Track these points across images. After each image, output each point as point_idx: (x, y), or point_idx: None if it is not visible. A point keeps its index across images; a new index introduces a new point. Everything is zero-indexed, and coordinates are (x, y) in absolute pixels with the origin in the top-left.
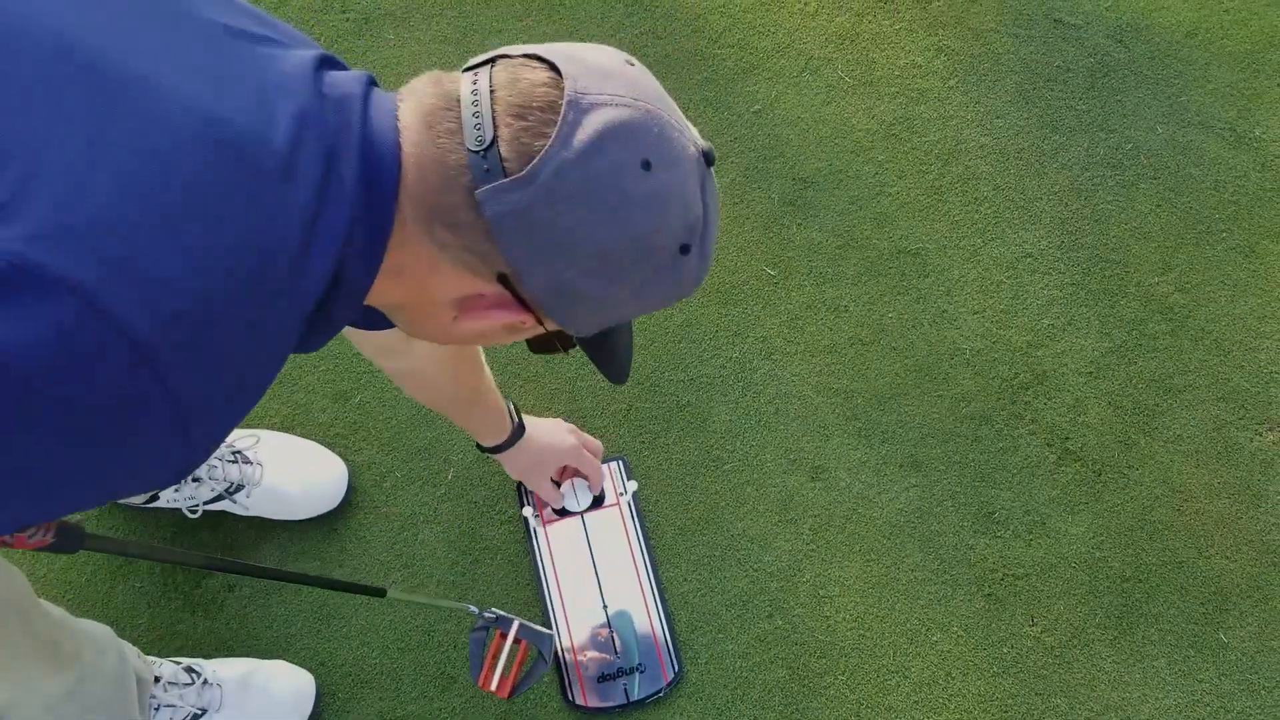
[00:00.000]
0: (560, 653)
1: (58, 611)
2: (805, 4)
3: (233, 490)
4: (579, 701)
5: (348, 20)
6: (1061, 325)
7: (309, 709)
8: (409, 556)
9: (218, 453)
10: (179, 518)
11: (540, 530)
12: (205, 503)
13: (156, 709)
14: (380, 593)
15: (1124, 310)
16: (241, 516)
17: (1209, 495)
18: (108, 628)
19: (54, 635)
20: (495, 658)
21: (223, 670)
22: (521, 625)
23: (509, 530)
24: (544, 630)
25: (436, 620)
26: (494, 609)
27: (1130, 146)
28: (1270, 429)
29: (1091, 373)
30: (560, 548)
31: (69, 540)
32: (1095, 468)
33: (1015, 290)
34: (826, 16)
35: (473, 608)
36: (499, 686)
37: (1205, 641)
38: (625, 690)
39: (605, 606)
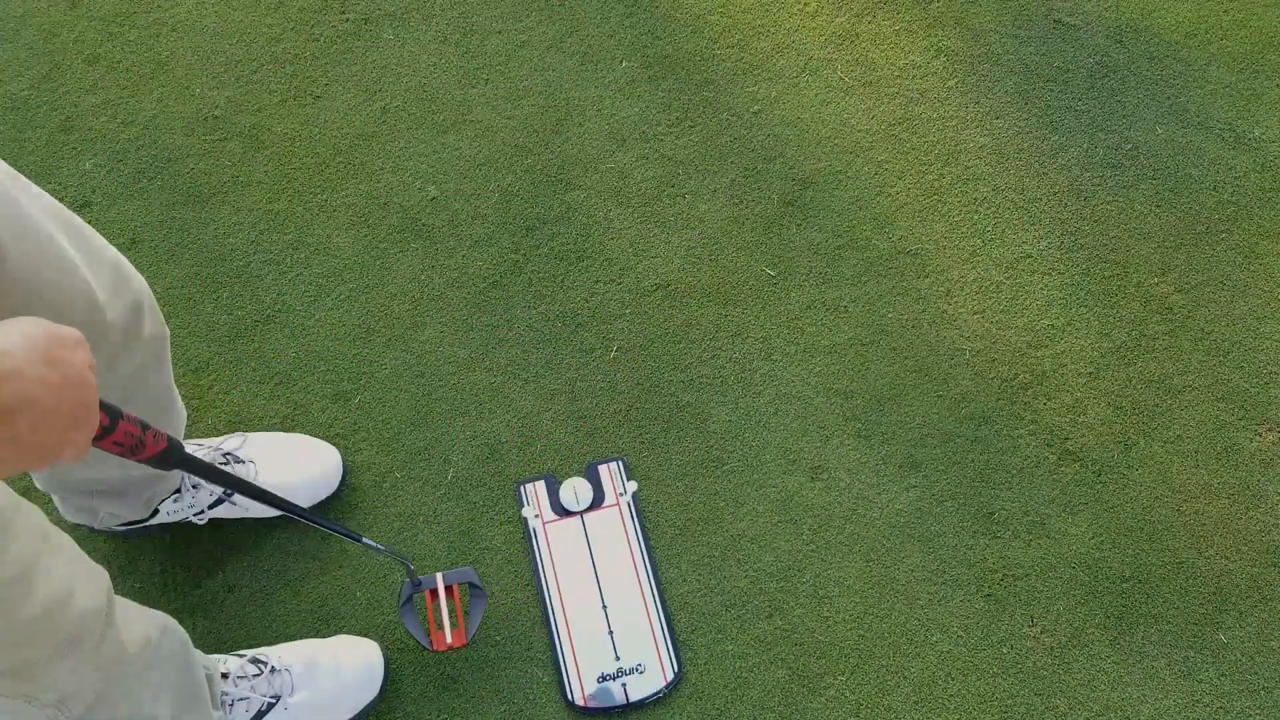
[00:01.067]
0: (560, 652)
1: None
2: (805, 4)
3: (231, 492)
4: (579, 702)
5: (347, 20)
6: (1061, 325)
7: (380, 678)
8: (409, 556)
9: (210, 458)
10: (175, 528)
11: (540, 530)
12: (208, 507)
13: (231, 705)
14: (356, 538)
15: (1124, 310)
16: (243, 517)
17: (1209, 495)
18: (167, 615)
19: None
20: (435, 615)
21: (287, 655)
22: (443, 575)
23: (509, 530)
24: (462, 569)
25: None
26: (415, 574)
27: (1130, 147)
28: (1270, 429)
29: (1091, 373)
30: (560, 548)
31: (171, 454)
32: (1095, 468)
33: (1015, 291)
34: (826, 17)
35: (409, 567)
36: (454, 638)
37: (1205, 641)
38: (625, 690)
39: (605, 607)
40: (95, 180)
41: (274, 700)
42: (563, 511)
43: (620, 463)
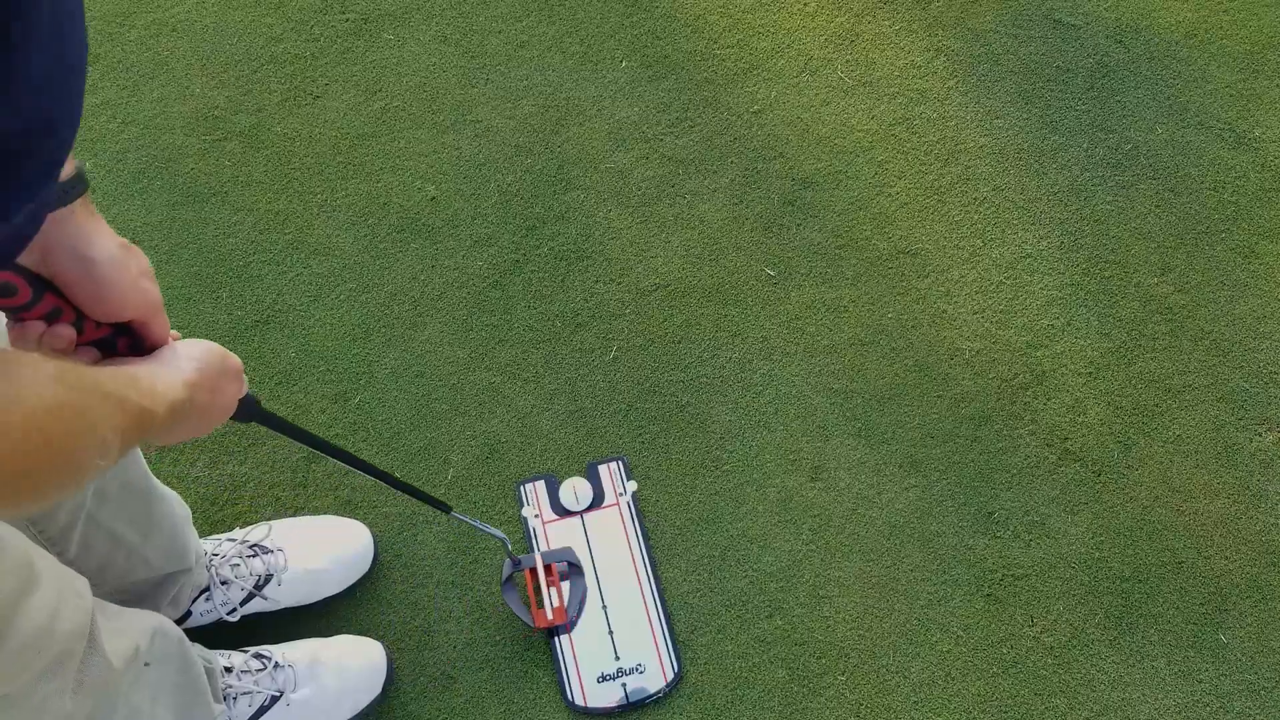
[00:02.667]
0: (560, 652)
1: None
2: (805, 4)
3: (261, 584)
4: (579, 701)
5: (347, 20)
6: (1061, 325)
7: (382, 678)
8: (409, 556)
9: (236, 551)
10: (205, 630)
11: (540, 530)
12: (240, 604)
13: (234, 699)
14: (446, 508)
15: (1124, 310)
16: (277, 609)
17: (1209, 495)
18: (162, 615)
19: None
20: (537, 594)
21: (290, 653)
22: (542, 554)
23: (509, 530)
24: (561, 548)
25: (436, 621)
26: (513, 553)
27: (1130, 147)
28: (1270, 429)
29: (1091, 373)
30: (560, 548)
31: (247, 409)
32: (1095, 468)
33: (1015, 291)
34: (826, 17)
35: (508, 544)
36: (555, 615)
37: (1205, 641)
38: (625, 690)
39: (605, 607)
40: (95, 180)
41: (277, 695)
42: (563, 511)
43: (620, 463)
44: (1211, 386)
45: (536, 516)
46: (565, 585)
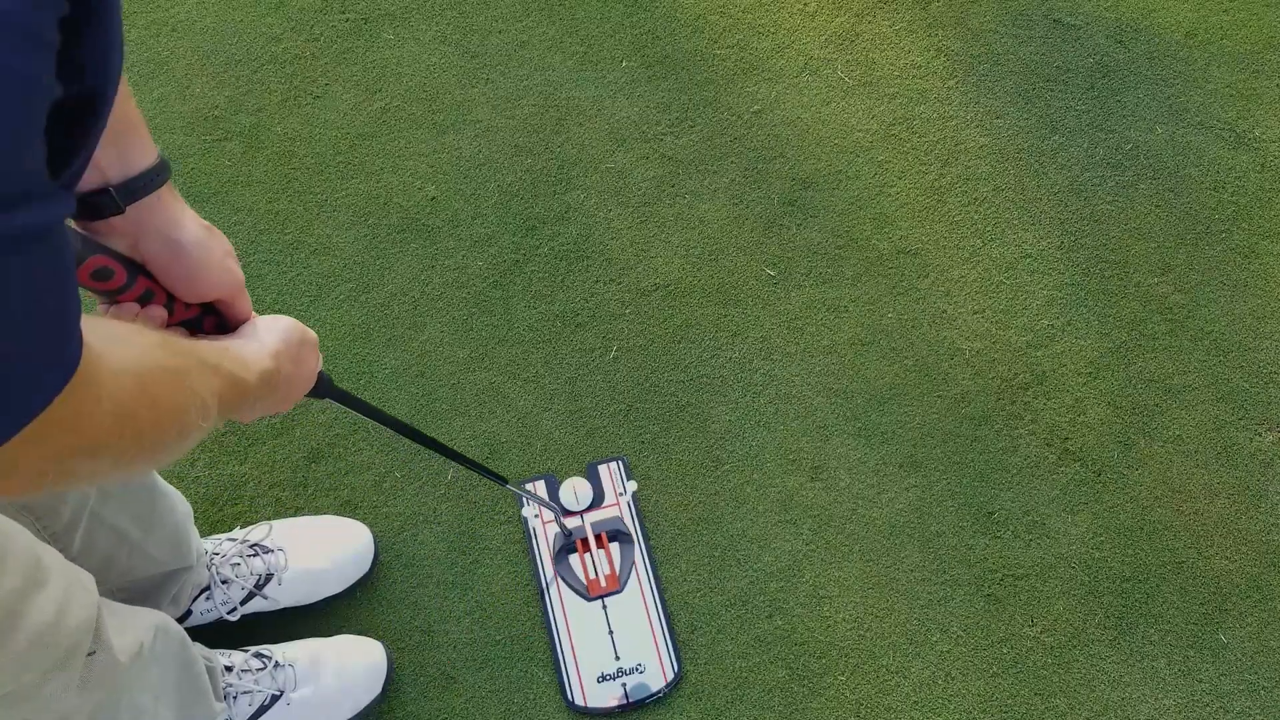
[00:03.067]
0: (560, 652)
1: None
2: (805, 4)
3: (262, 583)
4: (579, 702)
5: (347, 20)
6: (1061, 325)
7: (383, 678)
8: (409, 556)
9: (236, 550)
10: (205, 629)
11: (540, 530)
12: (240, 603)
13: (235, 698)
14: (503, 481)
15: (1123, 310)
16: (277, 609)
17: (1209, 495)
18: (160, 613)
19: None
20: (586, 563)
21: (291, 652)
22: (592, 524)
23: (509, 530)
24: (610, 517)
25: (436, 621)
26: (566, 526)
27: (1130, 147)
28: (1270, 429)
29: (1091, 373)
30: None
31: (323, 384)
32: (1095, 468)
33: (1015, 291)
34: (826, 17)
35: (559, 516)
36: (608, 583)
37: (1205, 641)
38: (625, 690)
39: (605, 607)
40: None
41: (277, 695)
42: (563, 511)
43: (620, 463)
44: (1211, 386)
45: (536, 516)
46: (615, 549)
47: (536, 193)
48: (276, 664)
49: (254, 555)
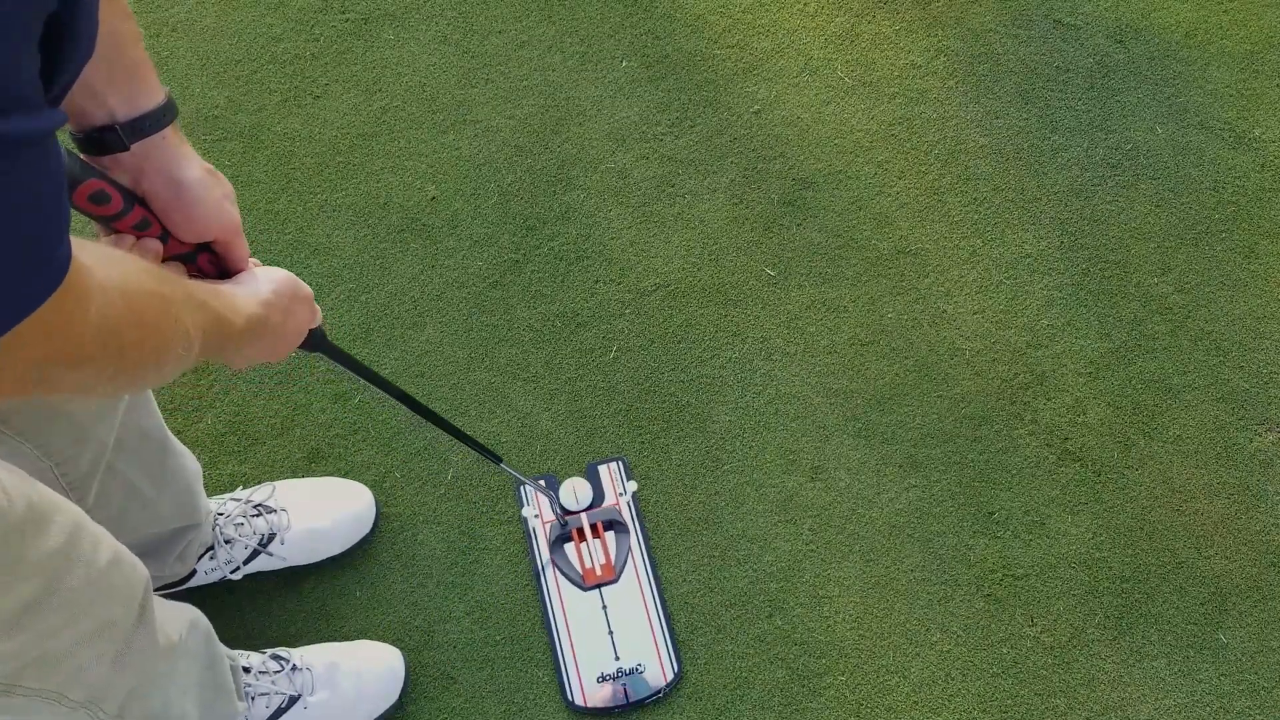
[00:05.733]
0: (560, 652)
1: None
2: (805, 4)
3: (266, 542)
4: (579, 702)
5: (347, 20)
6: (1061, 325)
7: (400, 685)
8: (408, 556)
9: (240, 510)
10: (210, 589)
11: (540, 530)
12: (243, 563)
13: (252, 699)
14: (497, 459)
15: (1123, 310)
16: (282, 568)
17: (1209, 495)
18: (194, 609)
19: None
20: (582, 552)
21: (309, 655)
22: (587, 514)
23: (509, 530)
24: (605, 507)
25: (436, 621)
26: (561, 515)
27: (1130, 147)
28: (1270, 429)
29: (1091, 373)
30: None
31: (315, 339)
32: (1095, 468)
33: (1015, 291)
34: (826, 17)
35: (555, 499)
36: (604, 572)
37: (1205, 641)
38: (625, 690)
39: (605, 607)
40: None
41: (294, 697)
42: (563, 510)
43: (620, 463)
44: (1211, 386)
45: (536, 516)
46: (610, 538)
47: (536, 193)
48: (294, 667)
49: (257, 515)
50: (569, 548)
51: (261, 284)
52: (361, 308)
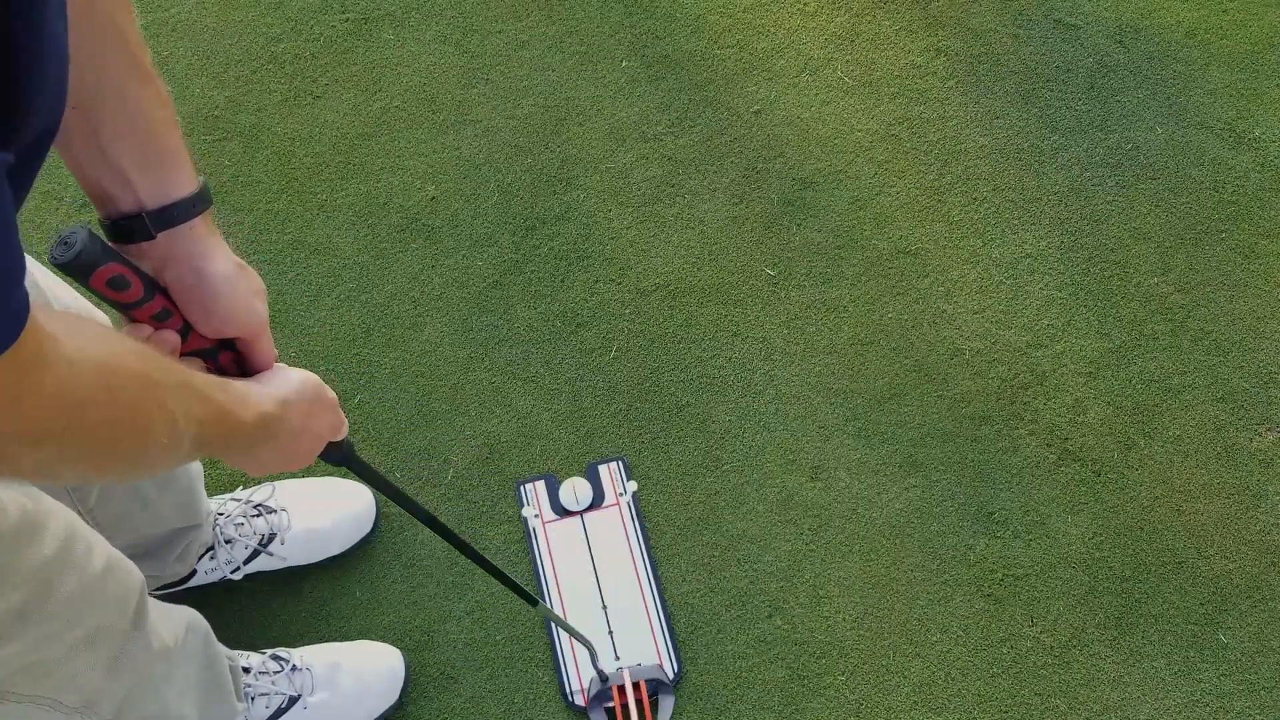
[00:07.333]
0: (560, 652)
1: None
2: (805, 4)
3: (266, 542)
4: (579, 702)
5: (347, 20)
6: (1061, 325)
7: (400, 686)
8: (409, 557)
9: (241, 510)
10: (210, 589)
11: (540, 530)
12: (243, 563)
13: (252, 699)
14: (533, 601)
15: (1123, 310)
16: (282, 568)
17: (1209, 495)
18: (192, 610)
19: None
20: (624, 713)
21: (309, 655)
22: (629, 670)
23: (509, 530)
24: (648, 665)
25: (436, 621)
26: (599, 664)
27: (1130, 147)
28: (1270, 429)
29: (1091, 373)
30: (560, 548)
31: (341, 451)
32: (1095, 468)
33: (1015, 291)
34: (826, 17)
35: (593, 651)
36: None
37: (1205, 641)
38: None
39: (605, 607)
40: None
41: (294, 697)
42: (563, 511)
43: (620, 463)
44: (1211, 386)
45: (536, 516)
46: (653, 704)
47: (536, 193)
48: (294, 667)
49: (257, 515)
50: (607, 704)
51: (282, 383)
52: (361, 308)
